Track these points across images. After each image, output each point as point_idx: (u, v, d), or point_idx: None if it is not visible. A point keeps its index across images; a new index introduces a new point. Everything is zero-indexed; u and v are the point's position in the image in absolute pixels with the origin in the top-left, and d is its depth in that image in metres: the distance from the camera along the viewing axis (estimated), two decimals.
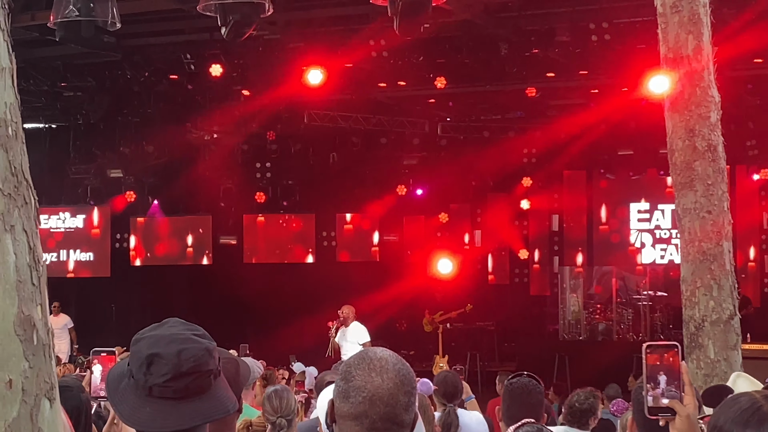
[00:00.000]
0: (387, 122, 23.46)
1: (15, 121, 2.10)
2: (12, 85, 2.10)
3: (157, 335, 2.92)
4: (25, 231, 2.07)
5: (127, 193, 23.90)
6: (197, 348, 2.90)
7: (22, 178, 2.08)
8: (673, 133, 7.74)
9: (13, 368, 2.01)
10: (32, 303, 2.07)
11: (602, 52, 18.12)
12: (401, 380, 2.83)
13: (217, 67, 19.19)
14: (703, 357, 7.39)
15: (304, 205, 24.93)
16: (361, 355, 2.90)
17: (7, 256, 2.03)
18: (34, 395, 2.04)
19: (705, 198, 7.55)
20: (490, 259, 25.92)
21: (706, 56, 7.78)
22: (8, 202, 2.04)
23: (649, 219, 24.67)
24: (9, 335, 2.02)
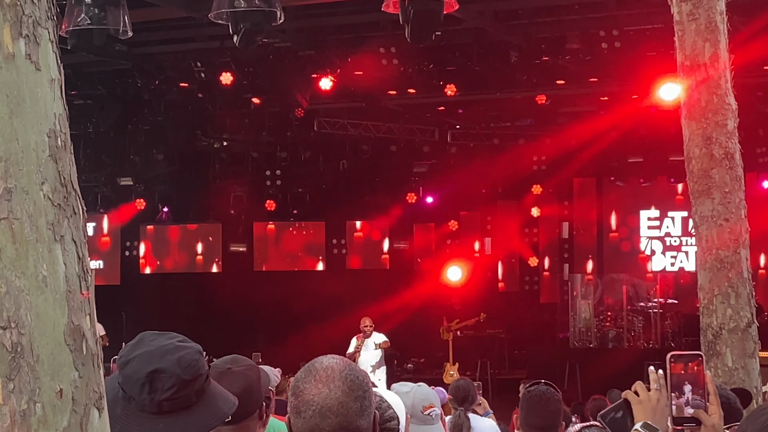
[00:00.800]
0: (397, 130, 23.48)
1: (64, 131, 2.11)
2: (61, 96, 2.11)
3: (147, 352, 2.94)
4: (74, 241, 2.08)
5: (137, 201, 23.93)
6: (191, 353, 2.93)
7: (71, 189, 2.09)
8: (690, 140, 7.72)
9: (64, 378, 2.02)
10: (81, 313, 2.08)
11: (612, 60, 18.12)
12: (349, 386, 2.75)
13: (228, 75, 19.22)
14: (720, 365, 7.37)
15: (315, 212, 24.95)
16: (307, 368, 2.82)
17: (57, 266, 2.04)
18: (83, 405, 2.04)
19: (722, 206, 7.52)
20: (500, 266, 25.92)
21: (723, 64, 7.77)
22: (58, 213, 2.05)
23: (659, 226, 24.66)
24: (59, 345, 2.02)
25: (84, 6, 12.72)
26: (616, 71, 19.04)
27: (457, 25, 17.60)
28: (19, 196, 1.96)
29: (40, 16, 2.08)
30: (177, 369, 2.88)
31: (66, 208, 2.03)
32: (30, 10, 2.04)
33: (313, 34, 19.03)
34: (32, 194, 1.98)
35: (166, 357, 2.90)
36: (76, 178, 2.11)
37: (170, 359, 2.90)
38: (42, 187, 2.00)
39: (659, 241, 24.58)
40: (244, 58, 19.00)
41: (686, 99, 7.85)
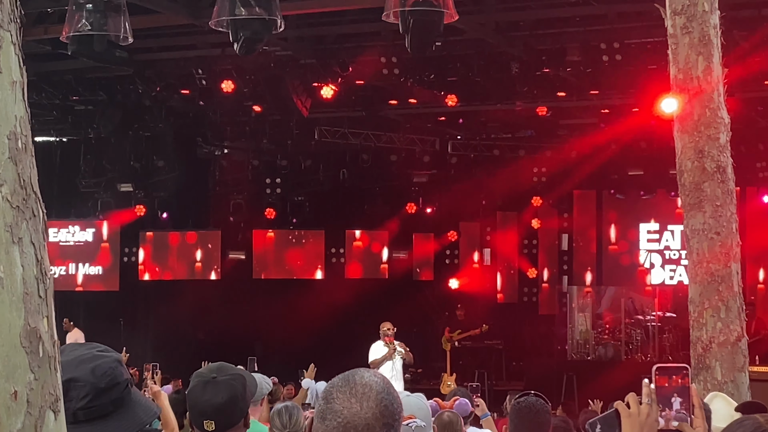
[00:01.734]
0: (397, 139, 23.51)
1: (25, 134, 2.11)
2: (22, 98, 2.11)
3: (64, 362, 2.92)
4: (33, 243, 2.08)
5: (136, 207, 23.93)
6: (108, 361, 2.93)
7: (30, 191, 2.09)
8: (682, 154, 7.73)
9: (19, 380, 2.02)
10: (39, 315, 2.08)
11: (613, 73, 18.17)
12: (381, 411, 2.66)
13: (229, 82, 19.25)
14: (710, 378, 7.37)
15: (314, 221, 24.95)
16: (346, 377, 2.75)
17: (15, 268, 2.04)
18: (39, 407, 2.04)
19: (713, 219, 7.52)
20: (499, 277, 25.90)
21: (716, 78, 7.78)
22: (17, 215, 2.05)
23: (658, 240, 24.64)
24: (15, 347, 2.02)
25: (85, 12, 12.74)
26: (617, 84, 19.08)
27: (458, 35, 17.62)
28: None
29: (2, 19, 2.09)
30: (91, 378, 2.87)
31: (25, 211, 2.04)
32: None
33: (315, 43, 19.07)
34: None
35: (81, 366, 2.89)
36: (37, 180, 2.12)
37: (85, 368, 2.89)
38: (0, 189, 2.01)
39: (658, 254, 24.56)
40: (245, 66, 19.04)
41: (679, 112, 7.87)
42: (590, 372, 22.05)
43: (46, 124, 23.90)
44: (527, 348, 25.13)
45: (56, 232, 24.92)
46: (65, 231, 24.92)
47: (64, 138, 24.86)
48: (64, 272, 24.81)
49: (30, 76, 11.94)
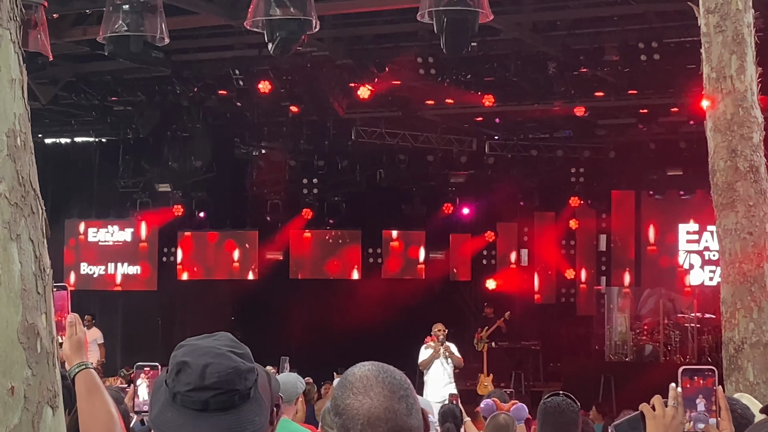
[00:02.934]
0: (434, 140, 23.46)
1: (24, 131, 2.12)
2: (22, 96, 2.11)
3: (197, 345, 2.93)
4: (31, 240, 2.08)
5: (175, 207, 24.04)
6: (226, 365, 2.88)
7: (29, 188, 2.10)
8: (715, 153, 7.68)
9: (16, 375, 2.03)
10: (36, 311, 2.09)
11: (651, 72, 18.02)
12: (390, 390, 2.69)
13: (266, 83, 19.29)
14: (742, 379, 7.32)
15: (351, 221, 24.95)
16: (342, 383, 2.75)
17: (12, 264, 2.05)
18: (36, 402, 2.05)
19: (746, 219, 7.47)
20: (536, 278, 25.80)
21: (749, 76, 7.72)
22: (15, 212, 2.06)
23: (698, 240, 24.44)
24: (12, 343, 2.03)
25: (122, 13, 12.84)
26: (655, 83, 18.96)
27: (494, 35, 17.60)
28: None
29: (1, 17, 2.09)
30: (201, 371, 2.86)
31: (23, 207, 2.04)
32: None
33: (351, 43, 19.08)
34: None
35: (203, 356, 2.86)
36: (36, 178, 2.12)
37: (203, 360, 2.86)
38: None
39: (698, 255, 24.36)
40: (282, 67, 19.08)
41: (712, 111, 7.80)
42: (628, 373, 21.93)
43: (85, 124, 24.12)
44: (565, 349, 25.01)
45: (95, 232, 25.11)
46: (104, 231, 25.08)
47: (103, 138, 25.04)
48: (103, 272, 24.98)
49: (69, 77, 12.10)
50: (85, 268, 24.99)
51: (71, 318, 3.73)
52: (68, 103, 21.65)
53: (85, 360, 3.69)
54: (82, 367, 3.65)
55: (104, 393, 3.64)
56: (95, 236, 25.05)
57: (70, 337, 3.69)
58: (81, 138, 25.51)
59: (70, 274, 24.53)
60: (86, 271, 25.00)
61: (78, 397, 3.62)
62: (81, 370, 3.65)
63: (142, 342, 23.94)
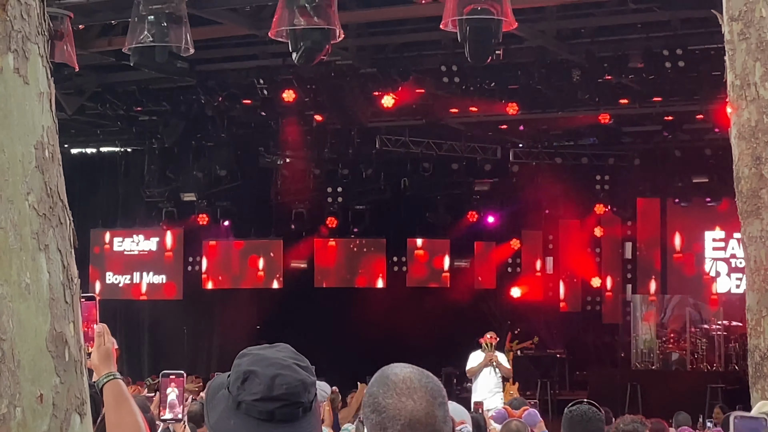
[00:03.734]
0: (458, 148, 23.48)
1: (52, 143, 2.16)
2: (50, 109, 2.15)
3: (262, 355, 2.96)
4: (59, 250, 2.12)
5: (200, 217, 24.12)
6: (293, 377, 2.91)
7: (57, 199, 2.13)
8: (739, 160, 7.64)
9: (45, 383, 2.06)
10: (65, 320, 2.12)
11: (676, 79, 17.97)
12: (432, 395, 2.73)
13: (290, 92, 19.34)
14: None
15: (375, 230, 24.96)
16: (383, 381, 2.78)
17: (41, 274, 2.09)
18: (64, 410, 2.08)
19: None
20: (561, 286, 25.73)
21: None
22: (43, 222, 2.10)
23: (724, 248, 24.34)
24: (41, 351, 2.07)
25: (147, 24, 12.93)
26: (680, 90, 18.90)
27: (518, 43, 17.61)
28: (3, 205, 2.01)
29: (29, 32, 2.13)
30: (269, 381, 2.88)
31: (52, 218, 2.08)
32: (20, 26, 2.09)
33: (375, 52, 19.13)
34: (17, 204, 2.03)
35: (270, 367, 2.90)
36: (64, 189, 2.16)
37: (271, 370, 2.88)
38: (27, 197, 2.04)
39: (724, 262, 24.25)
40: (306, 76, 19.12)
41: (736, 119, 7.78)
42: (655, 381, 21.91)
43: (111, 134, 24.24)
44: (591, 357, 24.97)
45: (121, 241, 25.22)
46: (130, 240, 25.20)
47: (128, 148, 25.17)
48: (129, 281, 25.08)
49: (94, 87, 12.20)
50: (111, 277, 25.11)
51: (99, 328, 3.76)
52: (94, 114, 21.78)
53: (114, 370, 3.72)
54: (110, 378, 3.68)
55: (132, 403, 3.68)
56: (121, 246, 25.17)
57: (98, 348, 3.72)
58: (107, 148, 25.65)
59: (95, 283, 24.65)
60: (112, 280, 25.12)
61: (106, 407, 3.65)
62: (109, 380, 3.68)
63: (168, 351, 24.05)
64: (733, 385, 20.39)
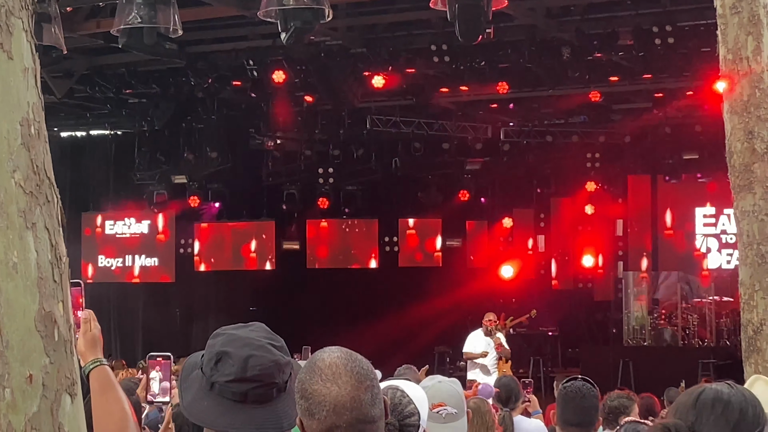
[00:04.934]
0: (449, 127, 23.43)
1: (38, 120, 2.12)
2: (35, 85, 2.11)
3: (235, 335, 2.94)
4: (47, 229, 2.08)
5: (191, 199, 24.06)
6: (267, 358, 2.89)
7: (44, 177, 2.10)
8: (731, 135, 7.62)
9: (34, 364, 2.03)
10: (54, 300, 2.09)
11: (666, 56, 17.94)
12: (357, 379, 2.74)
13: (280, 73, 19.27)
14: (761, 361, 7.25)
15: (367, 210, 24.93)
16: (310, 368, 2.79)
17: (29, 253, 2.05)
18: (54, 390, 2.05)
19: (764, 201, 7.40)
20: (553, 264, 25.75)
21: (765, 58, 7.66)
22: (30, 200, 2.06)
23: (715, 224, 24.34)
24: (30, 331, 2.03)
25: (134, 5, 12.84)
26: (670, 67, 18.89)
27: (508, 21, 17.56)
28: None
29: (13, 6, 2.09)
30: (243, 362, 2.85)
31: (39, 196, 2.04)
32: (2, 0, 2.06)
33: (365, 32, 19.06)
34: (3, 182, 1.99)
35: (243, 348, 2.88)
36: (51, 166, 2.12)
37: (245, 351, 2.87)
38: (13, 174, 2.01)
39: (715, 238, 24.26)
40: (296, 57, 19.07)
41: (728, 93, 7.77)
42: (647, 358, 21.97)
43: (101, 117, 24.16)
44: (583, 334, 25.02)
45: (112, 224, 25.18)
46: (121, 223, 25.15)
47: (118, 131, 25.09)
48: (121, 264, 25.05)
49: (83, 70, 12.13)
50: (103, 260, 25.07)
51: (85, 314, 3.73)
52: (83, 96, 21.69)
53: (100, 356, 3.69)
54: (96, 364, 3.65)
55: (118, 390, 3.65)
56: (112, 229, 25.13)
57: (84, 334, 3.69)
58: (96, 131, 25.57)
59: (87, 267, 24.62)
60: (104, 263, 25.08)
61: (92, 394, 3.62)
62: (96, 366, 3.65)
63: (161, 334, 24.02)
64: (724, 360, 20.46)
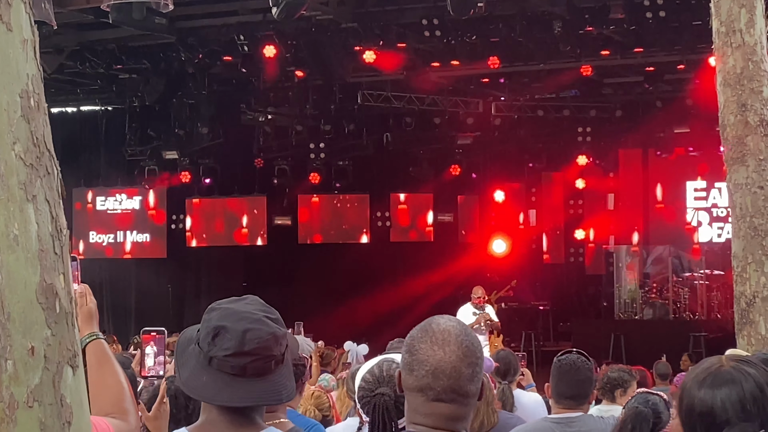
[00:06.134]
0: (441, 102, 23.39)
1: (37, 92, 2.11)
2: (34, 57, 2.11)
3: (231, 309, 2.95)
4: (48, 201, 2.08)
5: (182, 174, 24.03)
6: (264, 331, 2.90)
7: (44, 149, 2.10)
8: (725, 108, 7.63)
9: (36, 335, 2.03)
10: (55, 272, 2.09)
11: (657, 29, 17.93)
12: (464, 352, 2.84)
13: (271, 48, 19.21)
14: (754, 333, 7.30)
15: (359, 185, 24.91)
16: (424, 327, 2.90)
17: (30, 225, 2.05)
18: (56, 362, 2.06)
19: (757, 173, 7.43)
20: (545, 238, 25.80)
21: (758, 30, 7.67)
22: (30, 172, 2.06)
23: (705, 197, 24.38)
24: (31, 303, 2.04)
25: None
26: (662, 41, 18.85)
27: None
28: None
29: None
30: (241, 336, 2.88)
31: (39, 168, 2.04)
32: None
33: (355, 7, 18.97)
34: (3, 154, 1.99)
35: (240, 322, 2.91)
36: (51, 138, 2.12)
37: (242, 325, 2.90)
38: (13, 147, 2.00)
39: (706, 212, 24.30)
40: (286, 32, 19.00)
41: (721, 66, 7.76)
42: (638, 331, 22.06)
43: (91, 93, 24.08)
44: (574, 308, 25.10)
45: (104, 200, 25.14)
46: (113, 199, 25.12)
47: (109, 107, 25.01)
48: (113, 240, 25.03)
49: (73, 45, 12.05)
50: (95, 236, 25.05)
51: (81, 289, 3.74)
52: (73, 72, 21.61)
53: (96, 330, 3.70)
54: (92, 338, 3.66)
55: (114, 363, 3.65)
56: (103, 205, 25.09)
57: (80, 308, 3.70)
58: (87, 107, 25.49)
59: (79, 243, 24.59)
60: (95, 239, 25.06)
61: (89, 368, 3.63)
62: (92, 340, 3.66)
63: (154, 309, 24.04)
64: (715, 333, 20.54)
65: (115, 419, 3.50)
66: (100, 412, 3.51)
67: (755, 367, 2.80)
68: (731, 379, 2.76)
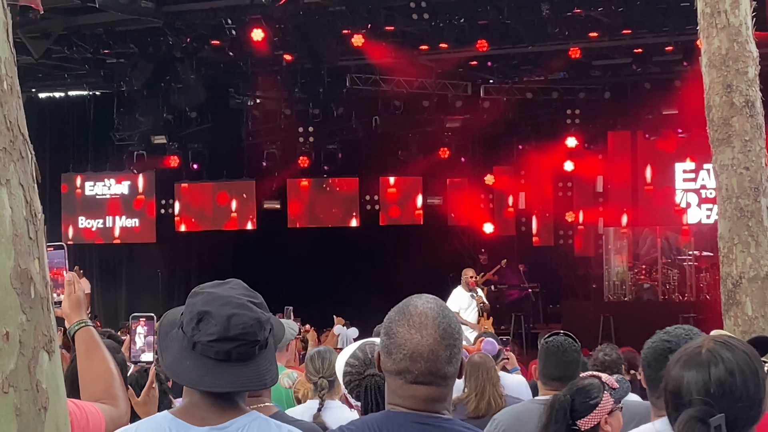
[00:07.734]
0: (429, 85, 23.36)
1: (10, 75, 2.09)
2: (6, 39, 2.08)
3: (215, 294, 2.95)
4: (22, 185, 2.07)
5: (170, 159, 23.98)
6: (249, 316, 2.90)
7: (18, 133, 2.08)
8: (710, 89, 7.63)
9: (10, 321, 2.02)
10: (29, 256, 2.07)
11: (645, 11, 17.94)
12: (441, 335, 2.83)
13: (259, 32, 19.16)
14: (740, 314, 7.31)
15: (348, 168, 24.89)
16: (401, 309, 2.90)
17: (3, 210, 2.03)
18: (32, 348, 2.05)
19: (742, 154, 7.44)
20: (534, 221, 25.81)
21: (744, 11, 7.66)
22: (3, 157, 2.04)
23: (694, 179, 24.42)
24: (5, 288, 2.02)
25: None
26: (649, 22, 18.86)
27: None
28: None
29: None
30: (225, 322, 2.88)
31: (12, 152, 2.02)
32: None
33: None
34: None
35: (224, 307, 2.91)
36: (25, 122, 2.10)
37: (226, 310, 2.90)
38: None
39: (694, 193, 24.34)
40: (274, 15, 18.94)
41: (707, 47, 7.76)
42: (627, 313, 22.06)
43: (79, 78, 23.99)
44: (564, 290, 25.12)
45: (92, 185, 25.10)
46: (101, 184, 25.08)
47: (96, 92, 24.94)
48: (102, 225, 25.00)
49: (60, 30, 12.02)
50: (83, 221, 25.01)
51: (69, 276, 3.73)
52: (61, 57, 21.53)
53: (85, 318, 3.69)
54: (81, 325, 3.66)
55: (104, 350, 3.65)
56: (92, 190, 25.04)
57: (69, 296, 3.69)
58: (75, 92, 25.40)
59: (68, 228, 24.55)
60: (84, 225, 25.02)
61: (78, 355, 3.63)
62: (81, 327, 3.65)
63: (144, 294, 24.03)
64: (704, 314, 20.58)
65: (106, 405, 3.51)
66: (90, 398, 3.52)
67: (733, 350, 2.82)
68: (701, 361, 2.80)
